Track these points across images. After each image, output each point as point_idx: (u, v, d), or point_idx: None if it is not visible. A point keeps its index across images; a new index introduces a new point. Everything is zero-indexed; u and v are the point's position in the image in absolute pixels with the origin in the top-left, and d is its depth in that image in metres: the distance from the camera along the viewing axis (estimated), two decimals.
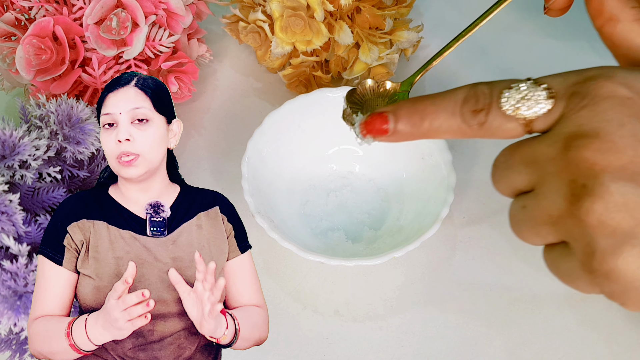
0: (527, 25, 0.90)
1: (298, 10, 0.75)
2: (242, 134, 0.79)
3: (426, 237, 0.67)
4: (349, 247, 0.72)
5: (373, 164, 0.75)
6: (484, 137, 0.45)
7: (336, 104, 0.77)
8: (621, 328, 0.69)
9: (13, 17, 0.73)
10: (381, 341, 0.68)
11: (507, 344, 0.68)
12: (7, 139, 0.61)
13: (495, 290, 0.71)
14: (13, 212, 0.59)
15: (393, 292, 0.71)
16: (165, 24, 0.75)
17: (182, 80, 0.77)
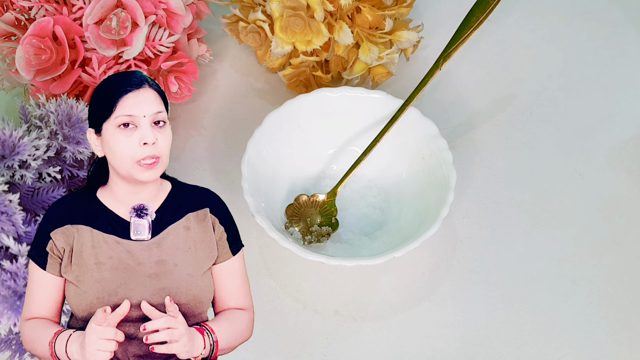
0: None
1: (298, 10, 0.75)
2: (242, 134, 0.79)
3: (426, 237, 0.66)
4: (349, 247, 0.72)
5: (373, 164, 0.75)
6: None
7: (336, 104, 0.77)
8: (621, 328, 0.69)
9: (13, 17, 0.73)
10: (381, 341, 0.68)
11: (507, 344, 0.68)
12: (7, 139, 0.61)
13: (495, 290, 0.71)
14: (12, 212, 0.58)
15: (393, 292, 0.71)
16: (165, 24, 0.75)
17: (182, 80, 0.77)
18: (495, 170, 0.79)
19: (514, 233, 0.75)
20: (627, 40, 0.89)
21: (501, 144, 0.81)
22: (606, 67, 0.87)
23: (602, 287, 0.71)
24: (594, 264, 0.73)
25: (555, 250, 0.74)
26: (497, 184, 0.78)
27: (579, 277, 0.72)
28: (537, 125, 0.83)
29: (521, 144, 0.81)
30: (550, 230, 0.75)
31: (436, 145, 0.73)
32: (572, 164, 0.80)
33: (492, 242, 0.74)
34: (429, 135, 0.74)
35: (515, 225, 0.75)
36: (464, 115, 0.83)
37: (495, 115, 0.84)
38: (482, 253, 0.73)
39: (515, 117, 0.83)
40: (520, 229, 0.75)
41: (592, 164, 0.80)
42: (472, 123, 0.83)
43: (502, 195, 0.77)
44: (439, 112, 0.82)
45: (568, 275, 0.72)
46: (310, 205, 0.74)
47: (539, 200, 0.77)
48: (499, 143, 0.82)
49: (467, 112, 0.84)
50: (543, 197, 0.77)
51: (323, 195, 0.74)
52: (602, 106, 0.84)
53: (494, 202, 0.77)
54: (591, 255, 0.73)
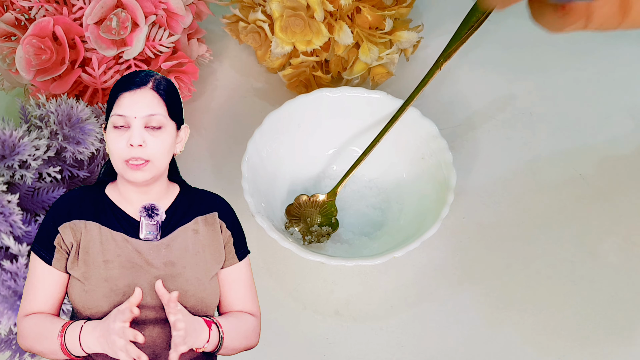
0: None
1: (298, 10, 0.75)
2: (242, 134, 0.79)
3: (426, 237, 0.66)
4: (349, 247, 0.72)
5: (373, 164, 0.75)
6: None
7: (336, 104, 0.77)
8: (621, 328, 0.69)
9: (13, 17, 0.73)
10: (381, 341, 0.68)
11: (507, 344, 0.68)
12: (7, 139, 0.61)
13: (495, 290, 0.71)
14: (10, 212, 0.58)
15: (393, 292, 0.71)
16: (165, 24, 0.75)
17: (182, 80, 0.77)
18: (495, 170, 0.79)
19: (514, 233, 0.75)
20: (628, 40, 0.89)
21: (501, 144, 0.81)
22: (606, 67, 0.87)
23: (602, 287, 0.71)
24: (594, 264, 0.73)
25: (555, 250, 0.74)
26: (497, 184, 0.78)
27: (579, 277, 0.72)
28: (537, 125, 0.83)
29: (521, 144, 0.81)
30: (550, 230, 0.75)
31: (436, 145, 0.73)
32: (572, 164, 0.80)
33: (492, 242, 0.74)
34: (429, 135, 0.74)
35: (515, 225, 0.75)
36: (464, 115, 0.83)
37: (495, 115, 0.84)
38: (482, 253, 0.73)
39: (515, 117, 0.83)
40: (520, 229, 0.75)
41: (592, 164, 0.80)
42: (472, 123, 0.83)
43: (502, 195, 0.77)
44: (439, 112, 0.82)
45: (568, 275, 0.72)
46: (310, 205, 0.74)
47: (539, 200, 0.77)
48: (499, 143, 0.82)
49: (467, 112, 0.84)
50: (543, 197, 0.77)
51: (323, 195, 0.74)
52: (601, 106, 0.84)
53: (494, 202, 0.77)
54: (591, 255, 0.73)
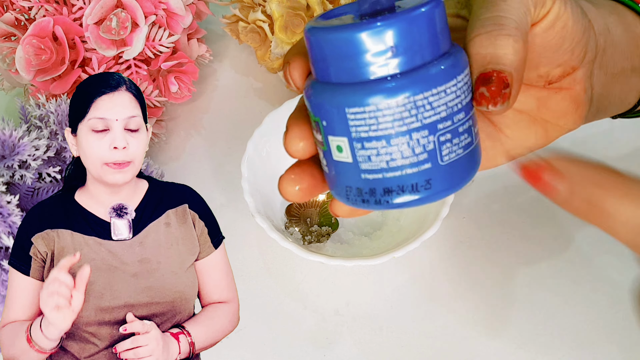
0: None
1: (298, 10, 0.75)
2: (242, 134, 0.79)
3: (426, 237, 0.66)
4: (349, 247, 0.72)
5: None
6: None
7: None
8: (621, 328, 0.69)
9: (13, 17, 0.73)
10: (381, 341, 0.68)
11: (507, 344, 0.68)
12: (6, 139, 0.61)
13: (495, 290, 0.71)
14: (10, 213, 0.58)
15: (393, 292, 0.71)
16: (165, 24, 0.75)
17: (182, 80, 0.77)
18: (495, 170, 0.79)
19: (514, 233, 0.75)
20: None
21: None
22: None
23: (602, 287, 0.71)
24: (594, 264, 0.73)
25: (555, 250, 0.74)
26: (497, 184, 0.78)
27: (579, 277, 0.72)
28: None
29: None
30: (550, 230, 0.75)
31: None
32: None
33: (492, 242, 0.74)
34: None
35: (515, 225, 0.75)
36: None
37: None
38: (482, 253, 0.73)
39: None
40: (520, 229, 0.75)
41: None
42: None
43: (502, 195, 0.77)
44: None
45: (568, 275, 0.72)
46: (310, 205, 0.74)
47: (539, 200, 0.77)
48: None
49: None
50: (543, 197, 0.77)
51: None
52: None
53: (494, 202, 0.77)
54: (591, 255, 0.73)
